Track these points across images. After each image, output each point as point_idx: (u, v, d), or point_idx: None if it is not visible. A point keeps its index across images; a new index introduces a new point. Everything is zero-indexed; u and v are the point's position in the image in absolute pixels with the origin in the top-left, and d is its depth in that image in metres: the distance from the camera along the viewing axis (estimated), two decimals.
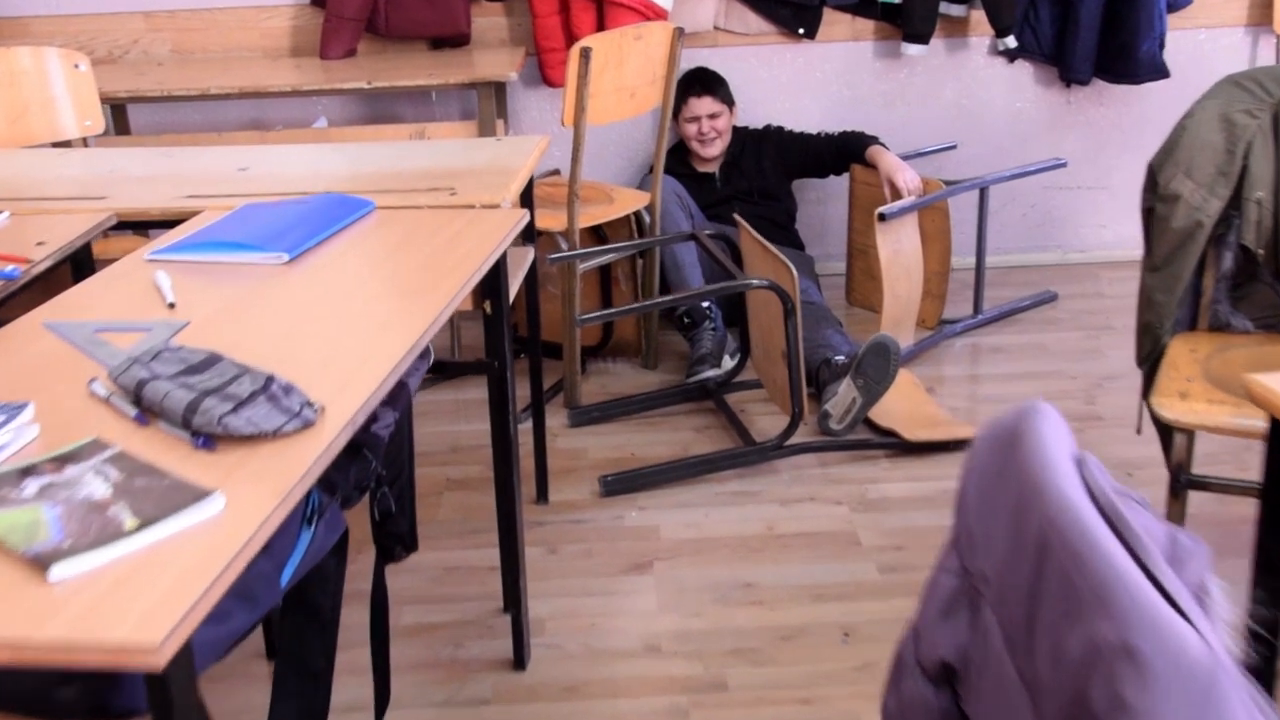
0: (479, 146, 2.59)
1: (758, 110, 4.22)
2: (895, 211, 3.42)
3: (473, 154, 2.53)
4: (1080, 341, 3.74)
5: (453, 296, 1.79)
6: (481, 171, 2.39)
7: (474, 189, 2.27)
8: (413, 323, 1.66)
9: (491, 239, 2.02)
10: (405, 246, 1.99)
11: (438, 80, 3.51)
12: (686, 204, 3.68)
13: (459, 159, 2.49)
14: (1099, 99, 4.26)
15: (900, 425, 3.14)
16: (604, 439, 3.26)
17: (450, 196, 2.24)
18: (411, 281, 1.82)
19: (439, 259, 1.92)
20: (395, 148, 2.62)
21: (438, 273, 1.86)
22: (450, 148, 2.59)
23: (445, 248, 1.97)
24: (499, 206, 2.21)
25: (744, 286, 2.90)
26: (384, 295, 1.77)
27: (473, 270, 1.89)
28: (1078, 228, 4.42)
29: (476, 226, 2.08)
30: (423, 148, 2.61)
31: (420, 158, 2.51)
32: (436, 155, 2.53)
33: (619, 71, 3.16)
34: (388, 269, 1.88)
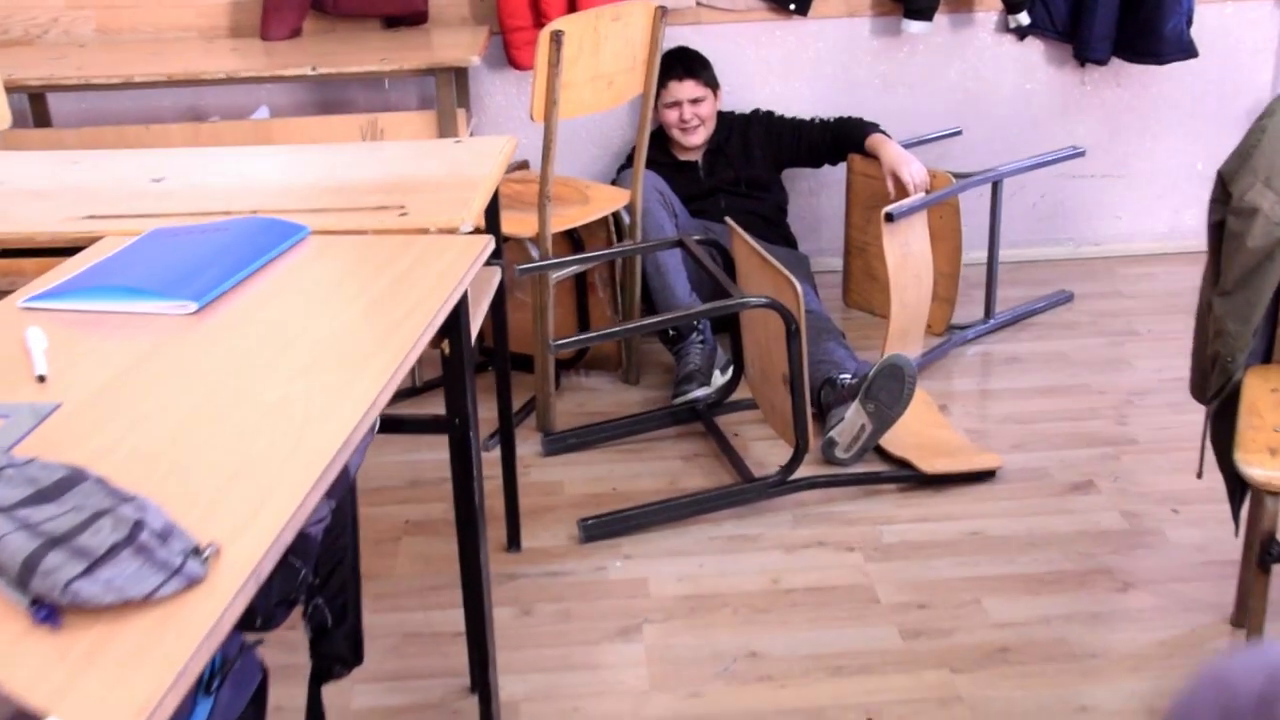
0: (434, 151, 2.22)
1: (744, 94, 3.85)
2: (904, 211, 3.07)
3: (427, 160, 2.16)
4: (1103, 349, 3.41)
5: (404, 357, 1.43)
6: (438, 184, 2.02)
7: (429, 207, 1.91)
8: (353, 398, 1.30)
9: (450, 274, 1.66)
10: (345, 286, 1.62)
11: (391, 65, 3.13)
12: (669, 201, 3.32)
13: (411, 166, 2.12)
14: (1115, 79, 3.91)
15: (914, 454, 2.80)
16: (582, 470, 2.90)
17: (400, 218, 1.87)
18: (352, 337, 1.46)
19: (386, 303, 1.56)
20: (338, 153, 2.24)
21: (385, 322, 1.50)
22: (401, 152, 2.22)
23: (394, 287, 1.61)
24: (458, 231, 1.84)
25: (740, 306, 2.55)
26: (317, 357, 1.40)
27: (428, 319, 1.53)
28: (1091, 219, 4.08)
29: (432, 257, 1.72)
30: (369, 153, 2.24)
31: (366, 165, 2.14)
32: (385, 161, 2.16)
33: (595, 58, 2.79)
34: (322, 320, 1.51)
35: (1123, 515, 2.62)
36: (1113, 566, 2.45)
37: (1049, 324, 3.59)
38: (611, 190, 3.20)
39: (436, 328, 1.56)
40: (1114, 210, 4.07)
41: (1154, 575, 2.42)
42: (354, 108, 3.80)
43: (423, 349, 1.51)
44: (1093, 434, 2.95)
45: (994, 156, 3.92)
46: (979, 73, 3.90)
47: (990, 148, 3.95)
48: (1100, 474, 2.78)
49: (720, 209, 3.59)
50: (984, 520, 2.62)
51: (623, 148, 3.90)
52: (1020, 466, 2.82)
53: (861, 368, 2.96)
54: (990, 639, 2.24)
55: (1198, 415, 3.00)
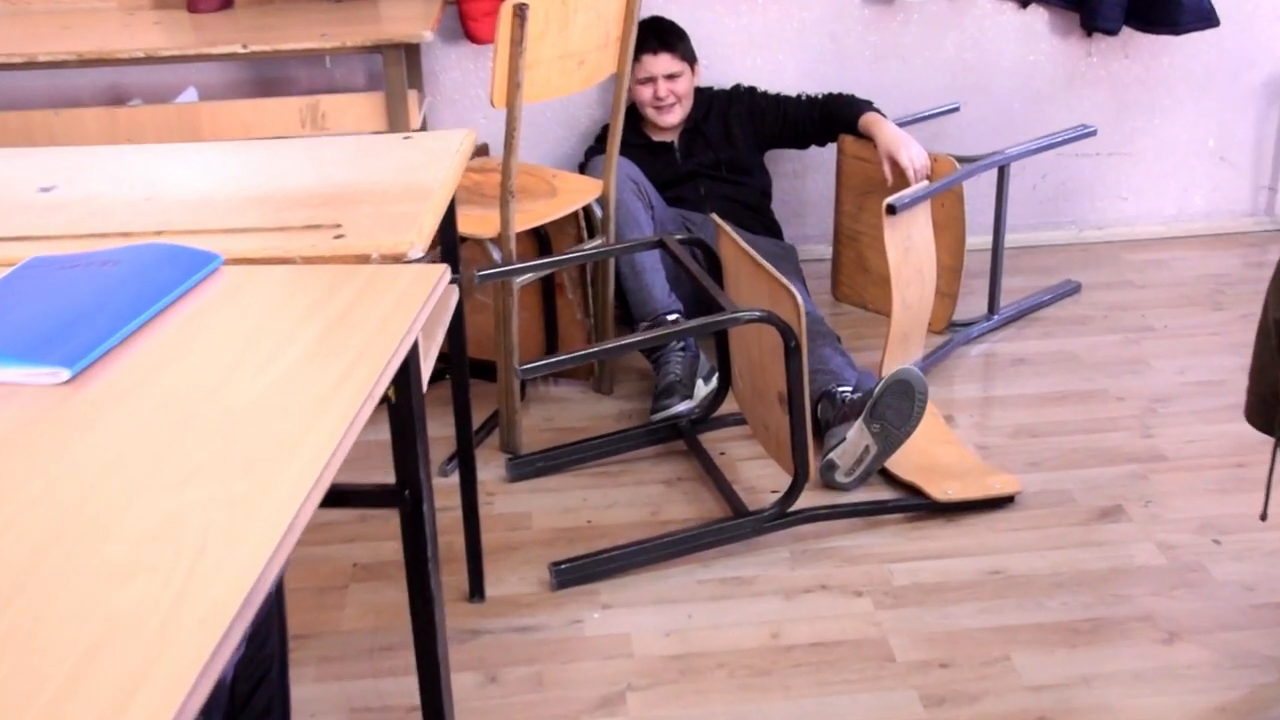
0: (379, 149, 1.89)
1: (724, 68, 3.53)
2: (908, 202, 2.76)
3: (370, 161, 1.83)
4: (1119, 348, 3.13)
5: (339, 439, 1.11)
6: (382, 194, 1.69)
7: (370, 225, 1.58)
8: (269, 514, 0.98)
9: (397, 316, 1.34)
10: (264, 337, 1.30)
11: (332, 42, 2.78)
12: (644, 190, 3.00)
13: (350, 169, 1.79)
14: (1124, 50, 3.62)
15: (923, 477, 2.51)
16: (552, 499, 2.60)
17: (336, 241, 1.55)
18: (270, 412, 1.14)
19: (317, 359, 1.24)
20: (265, 152, 1.91)
21: (315, 389, 1.18)
22: (339, 152, 1.89)
23: (327, 336, 1.29)
24: (405, 258, 1.52)
25: (731, 321, 2.23)
26: (222, 446, 1.08)
27: (371, 380, 1.21)
28: (1095, 200, 3.79)
29: (375, 292, 1.40)
30: (302, 152, 1.90)
31: (297, 168, 1.81)
32: (320, 163, 1.83)
33: (563, 34, 2.46)
34: (233, 387, 1.19)
35: (1158, 547, 2.34)
36: (1153, 611, 2.17)
37: (1057, 319, 3.31)
38: (581, 180, 2.88)
39: (380, 395, 1.24)
40: (1119, 191, 3.79)
41: (1200, 622, 2.14)
42: (294, 87, 3.45)
43: (365, 421, 1.20)
44: (1116, 449, 2.67)
45: (993, 134, 3.63)
46: (978, 44, 3.59)
47: (989, 125, 3.65)
48: (1129, 497, 2.50)
49: (699, 195, 3.27)
50: (1004, 556, 2.33)
51: (591, 127, 3.57)
52: (1039, 489, 2.53)
53: (864, 380, 2.66)
54: (1025, 706, 1.96)
55: (1229, 426, 2.74)
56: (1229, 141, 3.75)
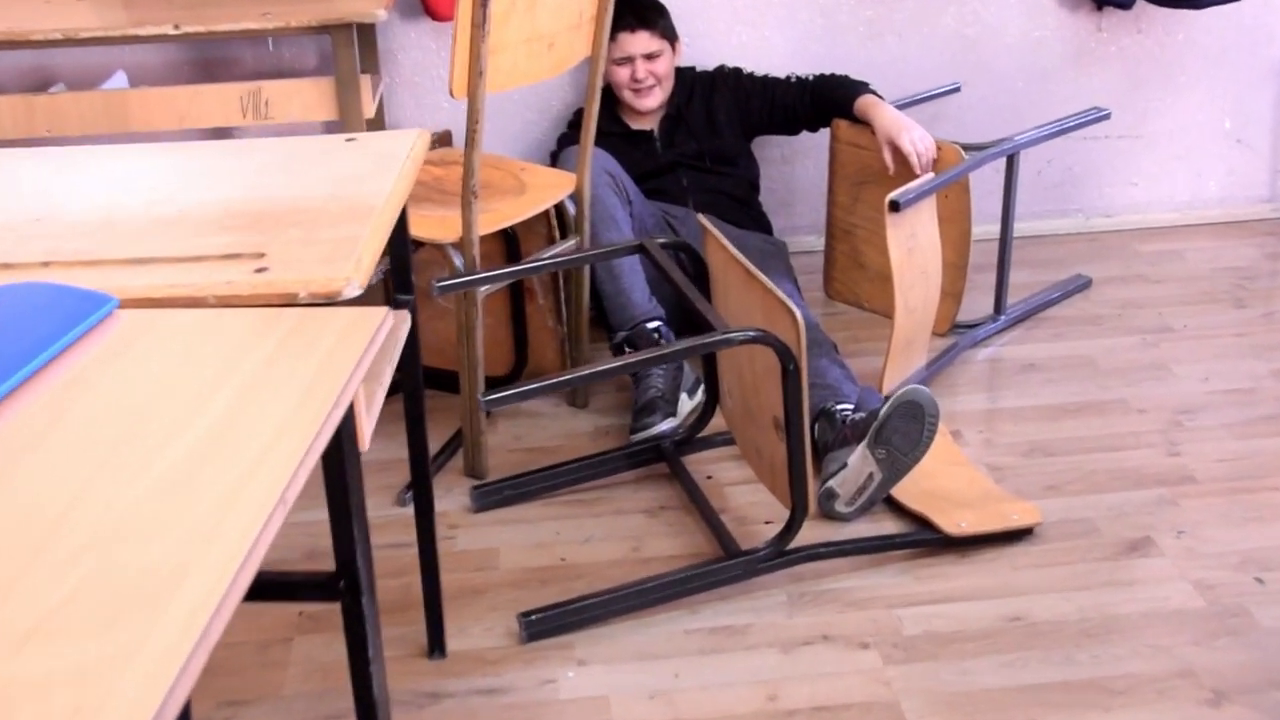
0: (317, 154, 1.63)
1: (707, 46, 3.26)
2: (912, 197, 2.51)
3: (305, 171, 1.56)
4: (1136, 351, 2.89)
5: (243, 559, 0.86)
6: (317, 212, 1.43)
7: (300, 254, 1.32)
8: (136, 684, 0.73)
9: (328, 376, 1.09)
10: (157, 410, 1.04)
11: (275, 22, 2.51)
12: (621, 184, 2.73)
13: (282, 181, 1.53)
14: (1136, 24, 3.37)
15: (932, 505, 2.27)
16: (522, 532, 2.34)
17: (257, 276, 1.28)
18: (153, 525, 0.89)
19: (222, 440, 0.98)
20: (185, 159, 1.64)
21: (216, 487, 0.92)
22: (271, 157, 1.62)
23: (239, 403, 1.03)
24: (340, 297, 1.26)
25: (722, 343, 1.98)
26: (87, 579, 0.83)
27: (290, 468, 0.96)
28: (1103, 186, 3.55)
29: (302, 342, 1.14)
30: (228, 157, 1.64)
31: (220, 180, 1.54)
32: (248, 172, 1.56)
33: (530, 15, 2.19)
34: (106, 486, 0.94)
35: (1195, 587, 2.11)
36: (1195, 665, 1.94)
37: (1068, 318, 3.07)
38: (552, 174, 2.61)
39: (301, 483, 0.99)
40: (1129, 175, 3.54)
41: (1249, 679, 1.91)
42: (239, 69, 3.17)
43: (280, 523, 0.94)
44: (1140, 470, 2.44)
45: (996, 116, 3.38)
46: (980, 18, 3.33)
47: (991, 106, 3.40)
48: (1158, 527, 2.27)
49: (681, 187, 3.01)
50: (1026, 599, 2.10)
51: (564, 112, 3.30)
52: (1059, 518, 2.30)
53: (866, 397, 2.42)
54: None
55: (1264, 442, 2.50)
56: (1246, 122, 3.51)
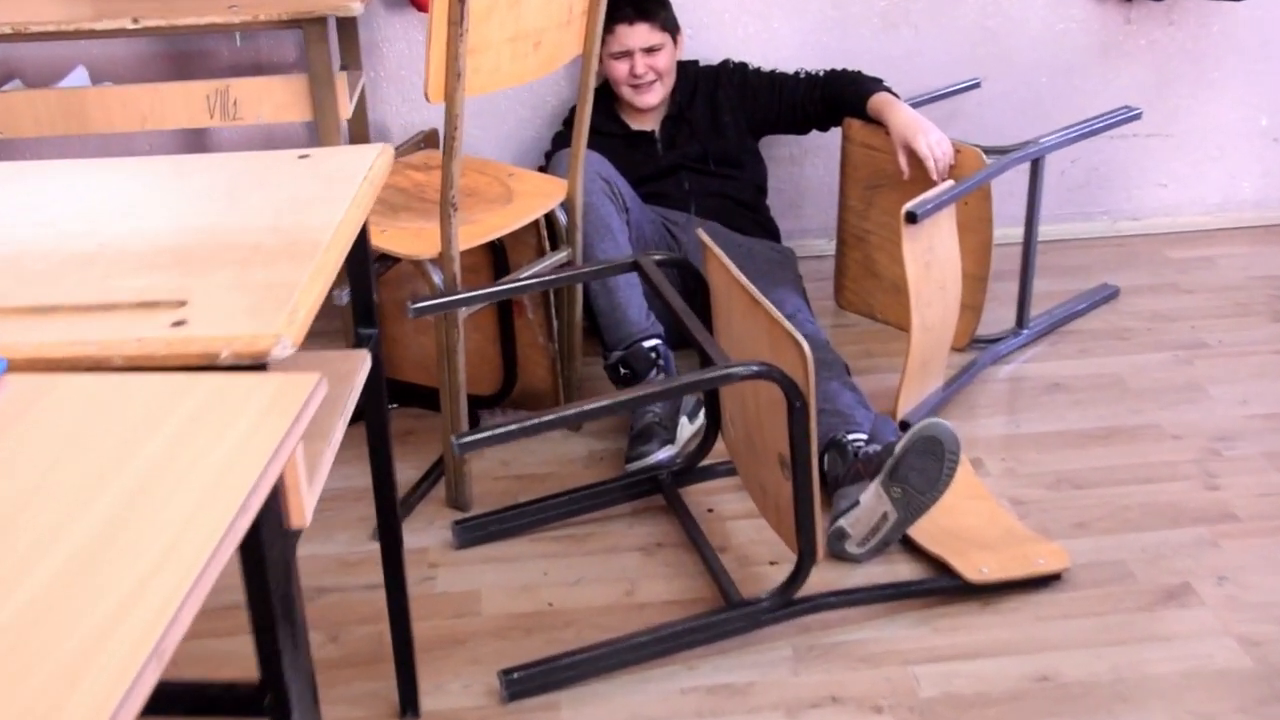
0: (263, 176, 1.44)
1: (711, 39, 3.07)
2: (930, 208, 2.32)
3: (247, 197, 1.38)
4: (1168, 369, 2.70)
5: (147, 657, 0.68)
6: (253, 249, 1.24)
7: (227, 303, 1.14)
8: None
9: (248, 457, 0.91)
10: (42, 502, 0.86)
11: (242, 16, 2.32)
12: (617, 191, 2.54)
13: (219, 208, 1.34)
14: (1167, 15, 3.16)
15: (951, 547, 2.08)
16: (507, 573, 2.16)
17: (174, 331, 1.10)
18: (49, 624, 0.70)
19: (119, 535, 0.80)
20: (114, 178, 1.46)
21: (96, 611, 0.74)
22: (213, 175, 1.43)
23: (140, 493, 0.85)
24: (268, 358, 1.08)
25: (723, 379, 1.78)
26: None
27: (194, 570, 0.78)
28: (1131, 188, 3.35)
29: (216, 418, 0.96)
30: (163, 178, 1.45)
31: (148, 206, 1.36)
32: (182, 196, 1.38)
33: (514, 11, 2.00)
34: (11, 578, 0.76)
35: (1241, 644, 1.92)
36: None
37: (1094, 332, 2.87)
38: (541, 181, 2.42)
39: (206, 590, 0.81)
40: (1158, 176, 3.34)
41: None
42: (213, 63, 2.98)
43: (177, 641, 0.76)
44: (1177, 505, 2.25)
45: (1018, 114, 3.18)
46: (1002, 8, 3.13)
47: (1013, 103, 3.20)
48: (1197, 572, 2.08)
49: (683, 190, 2.82)
50: (1055, 655, 1.91)
51: (559, 109, 3.11)
52: (1089, 560, 2.11)
53: (880, 427, 2.23)
54: None
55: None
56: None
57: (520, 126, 3.13)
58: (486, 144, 3.13)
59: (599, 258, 2.45)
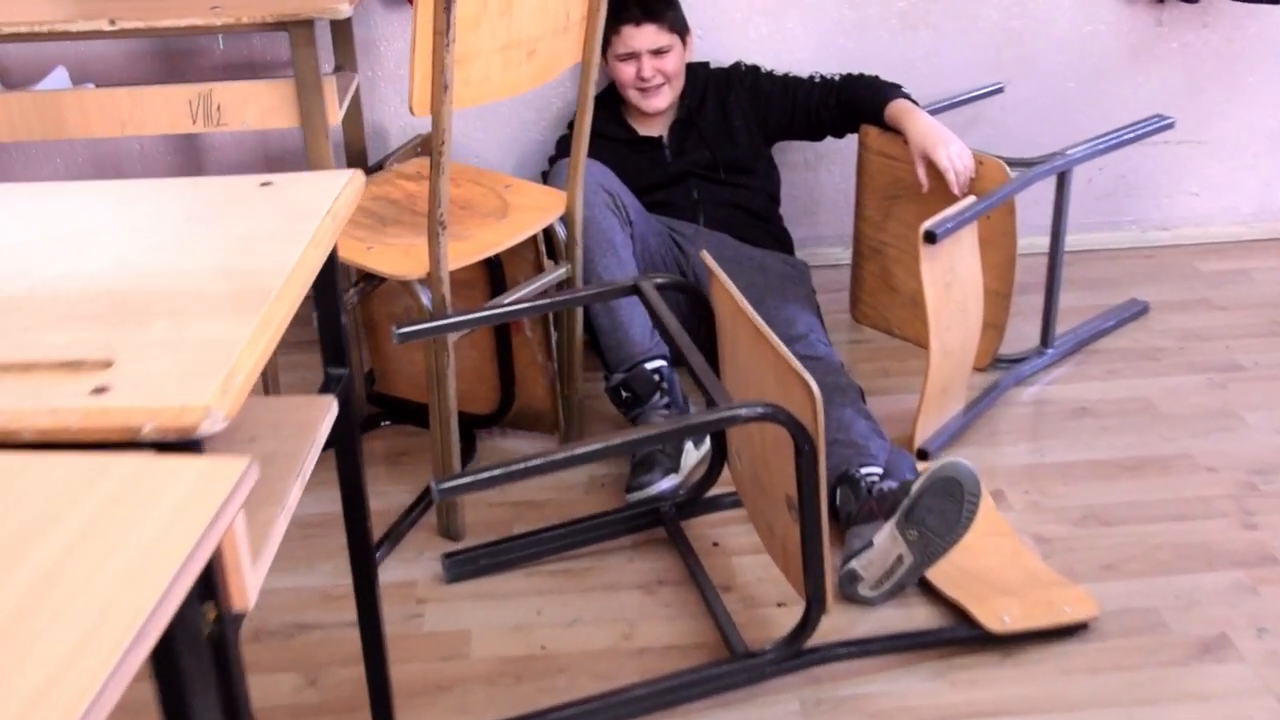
0: (219, 207, 1.31)
1: (722, 40, 2.94)
2: (951, 226, 2.19)
3: (196, 232, 1.25)
4: (1201, 394, 2.56)
5: None
6: (194, 297, 1.12)
7: (157, 363, 1.01)
8: None
9: (161, 558, 0.79)
10: None
11: (225, 18, 2.19)
12: (620, 204, 2.41)
13: (163, 248, 1.22)
14: (1201, 18, 3.01)
15: (970, 592, 1.95)
16: (499, 610, 2.04)
17: (93, 399, 0.98)
18: None
19: (16, 644, 0.68)
20: (53, 205, 1.33)
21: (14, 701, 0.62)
22: (162, 204, 1.31)
23: (47, 584, 0.73)
24: (196, 434, 0.95)
25: (728, 420, 1.65)
26: None
27: (105, 668, 0.66)
28: (1160, 196, 3.21)
29: (133, 507, 0.84)
30: (108, 208, 1.33)
31: (90, 246, 1.24)
32: (124, 232, 1.25)
33: (505, 18, 1.87)
34: None
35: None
36: None
37: (1123, 351, 2.73)
38: (539, 193, 2.29)
39: (114, 701, 0.68)
40: (1190, 185, 3.20)
41: None
42: (203, 61, 2.86)
43: None
44: (1212, 546, 2.11)
45: (1043, 119, 3.04)
46: (1027, 9, 2.98)
47: (1038, 108, 3.06)
48: (1235, 622, 1.94)
49: (691, 200, 2.69)
50: (1080, 715, 1.78)
51: (564, 111, 2.98)
52: (1119, 607, 1.98)
53: (896, 461, 2.10)
54: None
55: None
56: None
57: (524, 130, 3.00)
58: (489, 149, 3.00)
59: (601, 274, 2.32)
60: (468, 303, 2.39)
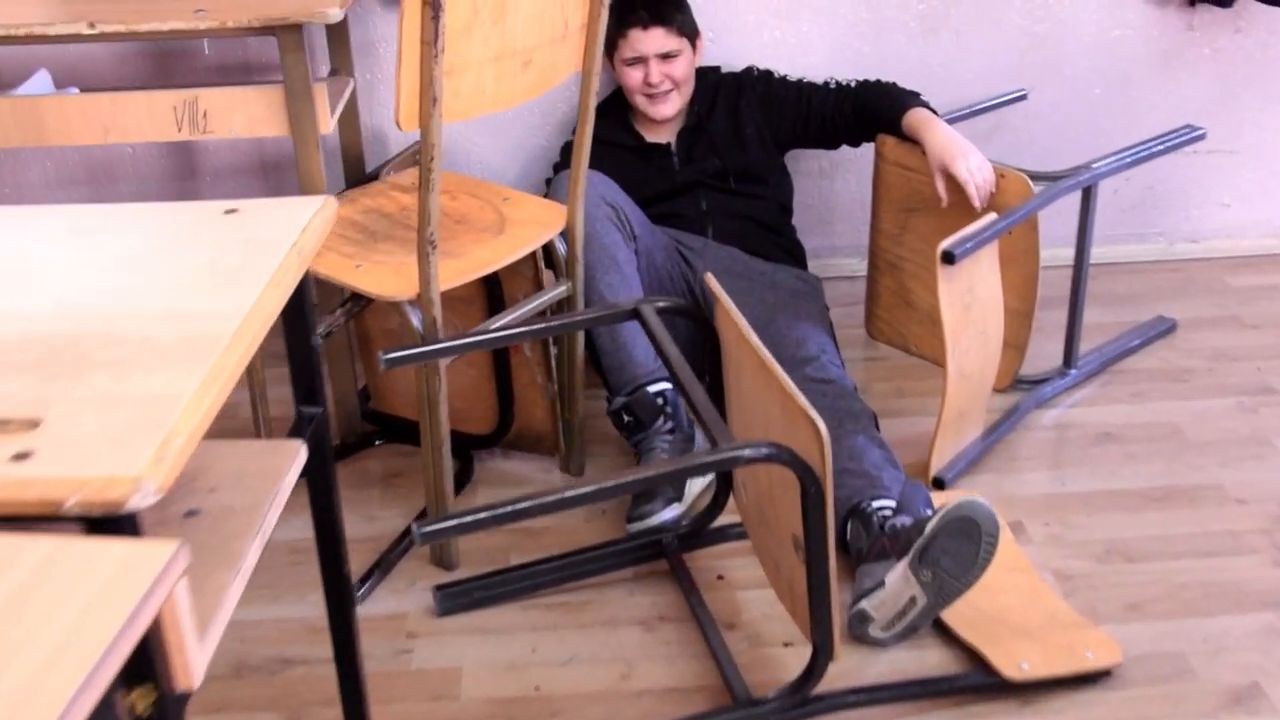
0: (178, 238, 1.22)
1: (734, 43, 2.83)
2: (970, 246, 2.08)
3: (147, 269, 1.15)
4: (1232, 419, 2.44)
5: None
6: (136, 348, 1.02)
7: (86, 428, 0.92)
8: None
9: (77, 653, 0.69)
10: None
11: (208, 22, 2.09)
12: (624, 218, 2.31)
13: (112, 287, 1.12)
14: (1234, 21, 2.89)
15: (990, 637, 1.85)
16: (492, 646, 1.95)
17: (14, 466, 0.88)
18: None
19: None
20: (28, 233, 1.24)
21: None
22: (121, 235, 1.21)
23: None
24: (123, 510, 0.86)
25: (731, 461, 1.55)
26: None
27: None
28: (1189, 207, 3.09)
29: (47, 597, 0.75)
30: (68, 239, 1.23)
31: (37, 281, 1.14)
32: (73, 265, 1.16)
33: (499, 26, 1.77)
34: None
35: None
36: None
37: (1150, 372, 2.62)
38: (539, 207, 2.19)
39: None
40: (1220, 195, 3.08)
41: None
42: (195, 62, 2.77)
43: None
44: (1242, 585, 2.00)
45: (1068, 128, 2.93)
46: (1051, 13, 2.87)
47: (1063, 116, 2.94)
48: (1268, 669, 1.84)
49: (699, 211, 2.59)
50: None
51: (570, 114, 2.88)
52: (1144, 651, 1.87)
53: (910, 495, 1.99)
54: None
55: None
56: None
57: (528, 135, 2.90)
58: (492, 154, 2.90)
59: (603, 292, 2.22)
60: (464, 319, 2.30)
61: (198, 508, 1.18)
